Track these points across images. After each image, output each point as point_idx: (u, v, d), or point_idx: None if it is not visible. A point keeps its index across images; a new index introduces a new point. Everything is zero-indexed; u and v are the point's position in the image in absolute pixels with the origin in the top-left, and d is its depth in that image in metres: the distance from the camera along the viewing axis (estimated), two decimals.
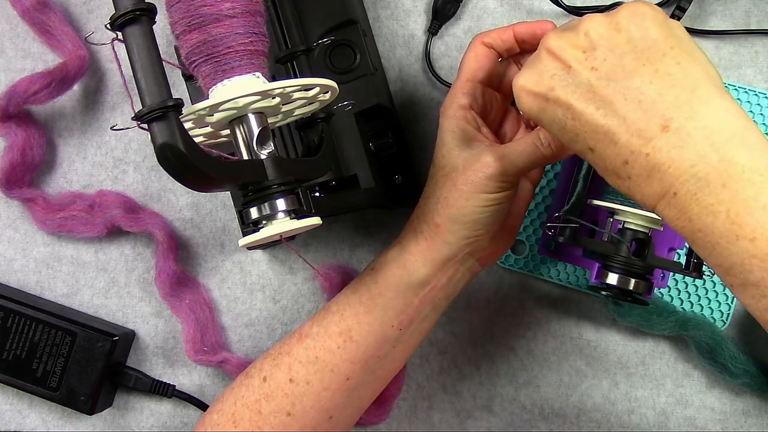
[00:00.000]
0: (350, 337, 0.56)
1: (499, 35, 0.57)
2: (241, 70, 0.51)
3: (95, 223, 0.70)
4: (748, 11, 0.69)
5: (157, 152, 0.47)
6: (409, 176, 0.68)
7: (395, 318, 0.56)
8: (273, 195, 0.52)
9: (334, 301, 0.58)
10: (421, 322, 0.58)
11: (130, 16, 0.47)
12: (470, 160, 0.54)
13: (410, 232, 0.56)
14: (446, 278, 0.56)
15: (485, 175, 0.53)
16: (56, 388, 0.68)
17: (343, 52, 0.65)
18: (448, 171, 0.55)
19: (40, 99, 0.69)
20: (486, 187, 0.53)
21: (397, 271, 0.56)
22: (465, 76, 0.56)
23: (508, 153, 0.54)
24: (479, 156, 0.54)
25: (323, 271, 0.67)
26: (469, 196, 0.54)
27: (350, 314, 0.56)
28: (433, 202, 0.55)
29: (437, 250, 0.55)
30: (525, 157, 0.53)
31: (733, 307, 0.67)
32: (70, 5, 0.74)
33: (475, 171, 0.53)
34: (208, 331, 0.70)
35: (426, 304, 0.57)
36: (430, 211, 0.55)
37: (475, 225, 0.54)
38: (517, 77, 0.48)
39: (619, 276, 0.56)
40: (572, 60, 0.45)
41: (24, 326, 0.68)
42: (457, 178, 0.54)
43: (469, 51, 0.57)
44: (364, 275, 0.57)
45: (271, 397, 0.56)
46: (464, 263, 0.57)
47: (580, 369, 0.69)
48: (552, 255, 0.68)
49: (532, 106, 0.47)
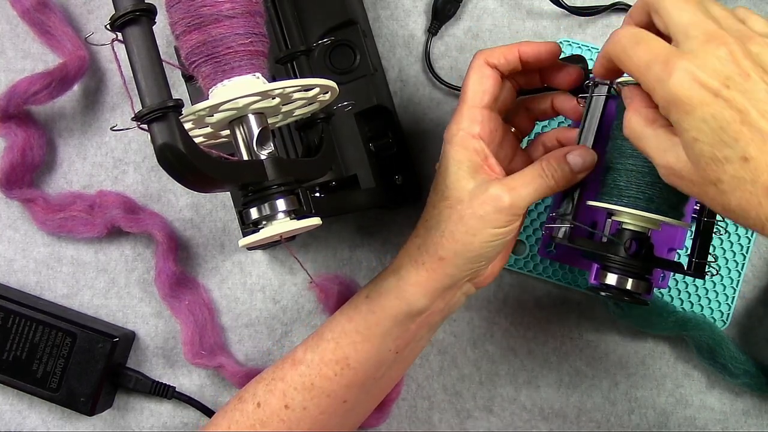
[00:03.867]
0: (348, 364, 0.55)
1: (504, 55, 0.55)
2: (241, 70, 0.51)
3: (95, 223, 0.70)
4: None
5: (157, 152, 0.47)
6: (409, 176, 0.68)
7: (392, 343, 0.56)
8: (273, 195, 0.52)
9: (328, 327, 0.57)
10: (418, 342, 0.58)
11: (130, 16, 0.47)
12: (477, 192, 0.52)
13: (410, 263, 0.55)
14: (444, 304, 0.56)
15: (494, 209, 0.52)
16: (56, 389, 0.68)
17: (343, 52, 0.65)
18: (452, 203, 0.53)
19: (40, 99, 0.69)
20: (495, 222, 0.52)
21: (395, 301, 0.55)
22: (471, 100, 0.54)
23: (516, 185, 0.52)
24: (487, 188, 0.52)
25: (320, 281, 0.67)
26: (477, 231, 0.52)
27: (347, 343, 0.55)
28: (437, 236, 0.53)
29: (438, 281, 0.54)
30: (532, 189, 0.52)
31: (733, 307, 0.67)
32: (70, 5, 0.74)
33: (483, 204, 0.52)
34: (206, 332, 0.70)
35: (423, 328, 0.56)
36: (433, 244, 0.53)
37: (480, 258, 0.54)
38: (683, 59, 0.42)
39: (618, 276, 0.56)
40: (751, 71, 0.42)
41: (24, 327, 0.68)
42: (464, 212, 0.52)
43: (472, 72, 0.55)
44: (360, 303, 0.56)
45: (267, 423, 0.56)
46: (461, 288, 0.57)
47: (580, 369, 0.69)
48: (552, 256, 0.68)
49: (693, 95, 0.42)
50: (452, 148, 0.54)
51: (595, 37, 0.70)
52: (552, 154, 0.54)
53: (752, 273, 0.68)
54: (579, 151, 0.54)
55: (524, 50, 0.55)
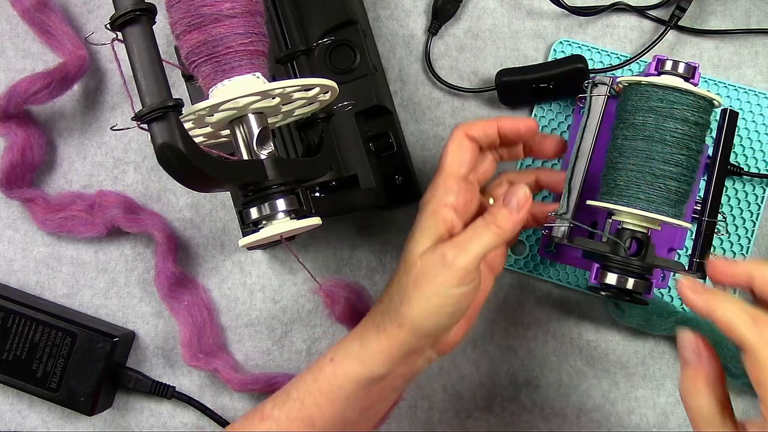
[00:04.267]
0: (312, 423, 0.55)
1: (483, 129, 0.56)
2: (241, 70, 0.51)
3: (95, 223, 0.70)
4: (748, 11, 0.69)
5: (157, 152, 0.47)
6: (409, 176, 0.68)
7: (357, 404, 0.55)
8: (273, 195, 0.52)
9: (295, 386, 0.56)
10: (382, 403, 0.58)
11: (130, 16, 0.47)
12: (427, 255, 0.52)
13: (372, 329, 0.55)
14: (406, 368, 0.56)
15: (442, 267, 0.51)
16: (56, 389, 0.68)
17: (343, 52, 0.66)
18: (408, 268, 0.53)
19: (40, 99, 0.69)
20: (446, 283, 0.51)
21: (357, 366, 0.54)
22: (448, 170, 0.55)
23: (463, 241, 0.52)
24: (435, 249, 0.52)
25: (327, 287, 0.65)
26: (430, 296, 0.52)
27: (311, 403, 0.55)
28: (396, 302, 0.53)
29: (398, 349, 0.54)
30: (478, 243, 0.52)
31: None
32: (70, 5, 0.74)
33: (433, 266, 0.52)
34: (205, 333, 0.69)
35: (386, 390, 0.56)
36: (394, 311, 0.53)
37: (438, 326, 0.53)
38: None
39: (618, 276, 0.56)
40: None
41: (24, 327, 0.68)
42: (419, 277, 0.52)
43: (452, 142, 0.56)
44: (324, 365, 0.56)
45: None
46: (423, 355, 0.56)
47: (580, 369, 0.69)
48: (551, 256, 0.68)
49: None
50: (422, 215, 0.54)
51: (595, 37, 0.70)
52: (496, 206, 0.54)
53: None
54: (512, 190, 0.54)
55: (502, 125, 0.57)
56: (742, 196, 0.67)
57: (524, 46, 0.70)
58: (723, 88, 0.68)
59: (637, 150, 0.55)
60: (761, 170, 0.67)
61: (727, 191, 0.67)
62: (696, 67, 0.56)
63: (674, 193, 0.55)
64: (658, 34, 0.68)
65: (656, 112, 0.55)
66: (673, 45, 0.69)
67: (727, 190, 0.67)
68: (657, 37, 0.68)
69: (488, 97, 0.70)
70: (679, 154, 0.55)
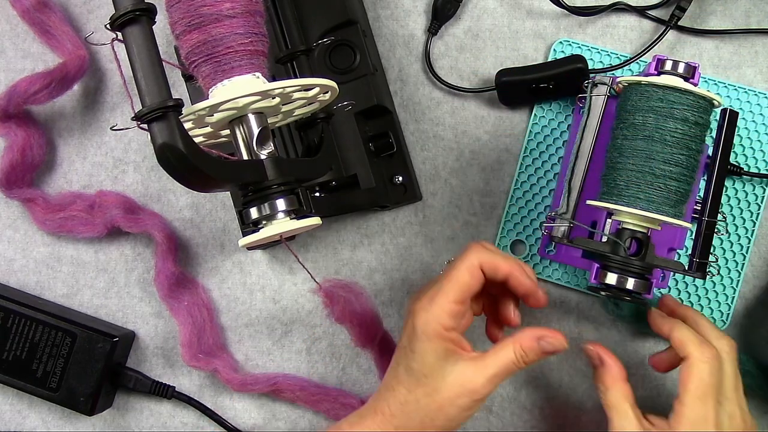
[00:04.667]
0: None
1: (499, 268, 0.56)
2: (241, 70, 0.51)
3: (95, 223, 0.70)
4: (748, 11, 0.69)
5: (157, 152, 0.47)
6: (409, 176, 0.68)
7: None
8: (273, 195, 0.52)
9: None
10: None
11: (130, 16, 0.47)
12: (450, 378, 0.54)
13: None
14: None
15: (467, 391, 0.54)
16: (56, 389, 0.68)
17: (343, 52, 0.66)
18: (430, 391, 0.54)
19: (40, 99, 0.69)
20: (470, 403, 0.54)
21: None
22: (454, 296, 0.55)
23: (487, 365, 0.54)
24: (459, 371, 0.54)
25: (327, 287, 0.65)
26: (455, 416, 0.54)
27: None
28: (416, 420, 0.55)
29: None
30: (503, 371, 0.55)
31: (733, 307, 0.67)
32: (70, 5, 0.74)
33: (457, 387, 0.54)
34: (205, 333, 0.69)
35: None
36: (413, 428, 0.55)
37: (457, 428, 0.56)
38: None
39: (618, 276, 0.56)
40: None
41: (24, 327, 0.68)
42: (442, 400, 0.54)
43: (463, 267, 0.55)
44: None
45: None
46: None
47: (580, 369, 0.69)
48: (551, 256, 0.68)
49: None
50: (428, 341, 0.54)
51: (595, 37, 0.70)
52: (525, 339, 0.55)
53: (752, 273, 0.68)
54: (552, 339, 0.56)
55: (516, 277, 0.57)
56: (742, 196, 0.67)
57: (524, 46, 0.70)
58: (723, 88, 0.68)
59: (637, 150, 0.55)
60: (761, 170, 0.67)
61: (727, 191, 0.67)
62: (696, 67, 0.56)
63: (674, 193, 0.55)
64: (658, 34, 0.68)
65: (656, 112, 0.55)
66: (673, 45, 0.69)
67: (727, 190, 0.67)
68: (657, 37, 0.68)
69: (488, 97, 0.70)
70: (679, 154, 0.55)
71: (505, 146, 0.70)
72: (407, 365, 0.55)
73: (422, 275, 0.70)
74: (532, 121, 0.69)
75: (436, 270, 0.70)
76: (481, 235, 0.69)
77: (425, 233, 0.70)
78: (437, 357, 0.54)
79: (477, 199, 0.70)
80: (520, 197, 0.69)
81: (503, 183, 0.69)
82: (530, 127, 0.69)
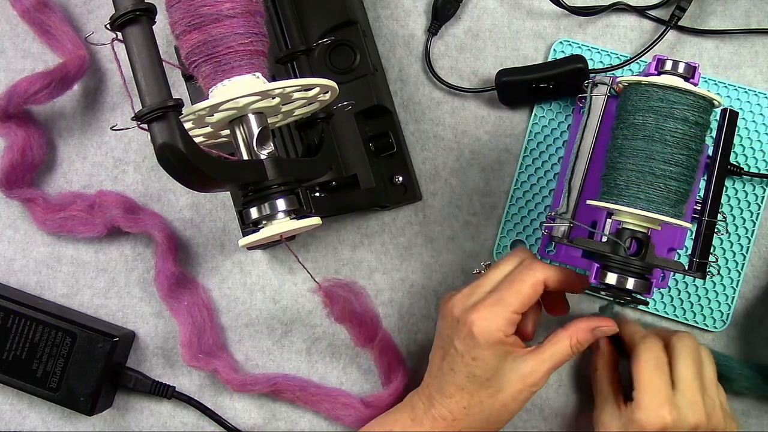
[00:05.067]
0: None
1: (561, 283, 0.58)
2: (241, 70, 0.51)
3: (95, 223, 0.70)
4: (748, 11, 0.69)
5: (157, 152, 0.47)
6: (409, 176, 0.68)
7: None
8: (273, 195, 0.52)
9: None
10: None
11: (130, 16, 0.47)
12: (513, 377, 0.58)
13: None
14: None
15: (528, 386, 0.58)
16: (56, 389, 0.68)
17: (343, 52, 0.66)
18: (493, 392, 0.58)
19: (40, 99, 0.69)
20: (529, 395, 0.58)
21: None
22: (517, 308, 0.58)
23: (545, 358, 0.58)
24: (520, 369, 0.58)
25: (327, 287, 0.64)
26: (515, 410, 0.59)
27: None
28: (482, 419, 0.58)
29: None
30: (559, 360, 0.58)
31: (733, 307, 0.67)
32: (70, 5, 0.74)
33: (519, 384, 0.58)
34: (205, 333, 0.69)
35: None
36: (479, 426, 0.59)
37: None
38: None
39: (618, 276, 0.56)
40: None
41: (24, 327, 0.68)
42: (506, 398, 0.58)
43: (530, 282, 0.58)
44: None
45: None
46: None
47: (580, 369, 0.69)
48: (551, 256, 0.68)
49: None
50: (490, 348, 0.57)
51: (595, 37, 0.70)
52: (581, 332, 0.59)
53: (752, 273, 0.68)
54: (605, 328, 0.59)
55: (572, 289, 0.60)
56: (742, 196, 0.67)
57: (524, 46, 0.70)
58: (723, 88, 0.68)
59: (637, 150, 0.55)
60: (761, 170, 0.67)
61: (727, 191, 0.67)
62: (696, 67, 0.56)
63: (674, 193, 0.55)
64: (658, 34, 0.68)
65: (656, 111, 0.55)
66: (673, 45, 0.69)
67: (727, 190, 0.67)
68: (657, 37, 0.68)
69: (488, 97, 0.70)
70: (679, 153, 0.55)
71: (505, 146, 0.70)
72: (470, 372, 0.58)
73: (422, 275, 0.70)
74: (532, 121, 0.69)
75: (436, 270, 0.70)
76: (481, 235, 0.69)
77: (425, 233, 0.70)
78: (498, 360, 0.57)
79: (477, 199, 0.70)
80: (520, 197, 0.69)
81: (503, 183, 0.69)
82: (530, 127, 0.69)
